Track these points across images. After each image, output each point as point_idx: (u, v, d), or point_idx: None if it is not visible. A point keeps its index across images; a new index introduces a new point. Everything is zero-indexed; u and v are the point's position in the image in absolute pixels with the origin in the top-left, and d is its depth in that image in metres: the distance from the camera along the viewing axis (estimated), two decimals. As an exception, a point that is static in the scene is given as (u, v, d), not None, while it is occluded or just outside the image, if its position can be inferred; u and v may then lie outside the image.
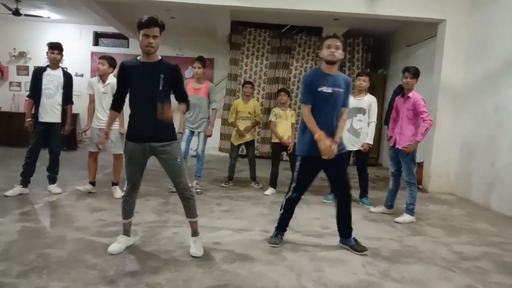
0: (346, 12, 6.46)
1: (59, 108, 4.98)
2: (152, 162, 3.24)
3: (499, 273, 3.22)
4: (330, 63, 3.35)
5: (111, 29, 9.88)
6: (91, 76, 10.17)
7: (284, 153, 5.71)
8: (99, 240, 3.45)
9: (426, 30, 7.28)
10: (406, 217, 4.56)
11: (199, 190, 5.39)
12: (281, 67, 9.33)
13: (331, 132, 3.38)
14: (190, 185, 3.25)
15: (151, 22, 2.91)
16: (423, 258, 3.46)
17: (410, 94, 4.61)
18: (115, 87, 4.87)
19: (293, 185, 3.56)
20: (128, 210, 3.28)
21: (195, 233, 3.32)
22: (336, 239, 3.82)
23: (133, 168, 3.13)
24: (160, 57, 3.07)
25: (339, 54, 3.32)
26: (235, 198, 5.24)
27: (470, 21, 6.29)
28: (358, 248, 3.50)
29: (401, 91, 4.85)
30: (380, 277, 3.00)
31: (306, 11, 6.44)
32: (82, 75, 10.31)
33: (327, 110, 3.38)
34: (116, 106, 3.21)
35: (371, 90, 9.30)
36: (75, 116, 9.85)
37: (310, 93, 3.37)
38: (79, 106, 9.90)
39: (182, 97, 3.20)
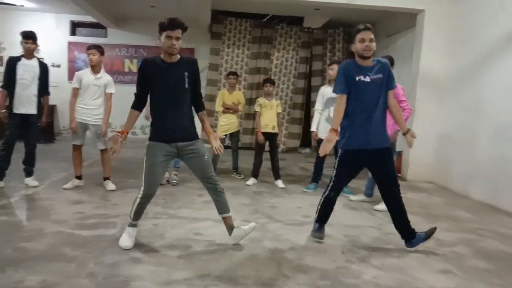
0: (327, 2, 6.46)
1: (35, 99, 4.86)
2: (131, 154, 3.19)
3: (475, 258, 3.31)
4: (365, 58, 3.20)
5: (88, 18, 9.65)
6: (69, 67, 9.97)
7: (267, 143, 5.70)
8: (78, 233, 3.41)
9: (406, 21, 7.34)
10: (385, 205, 4.61)
11: (175, 181, 5.36)
12: (262, 57, 9.30)
13: (377, 120, 3.22)
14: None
15: (175, 24, 2.90)
16: (402, 245, 3.50)
17: (389, 84, 4.64)
18: (110, 85, 4.86)
19: (331, 183, 3.39)
20: (141, 213, 3.20)
21: (231, 229, 3.27)
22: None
23: (157, 169, 3.05)
24: (179, 56, 3.05)
25: (373, 47, 3.17)
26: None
27: (449, 12, 6.36)
28: (429, 233, 3.36)
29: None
30: (359, 264, 3.05)
31: (287, 0, 6.41)
32: (59, 66, 10.06)
33: (368, 99, 3.20)
34: (139, 105, 3.11)
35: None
36: (53, 108, 9.64)
37: (345, 83, 3.20)
38: (56, 97, 9.69)
39: (199, 94, 3.20)
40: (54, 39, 9.99)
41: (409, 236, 3.37)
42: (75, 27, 10.29)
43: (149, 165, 3.02)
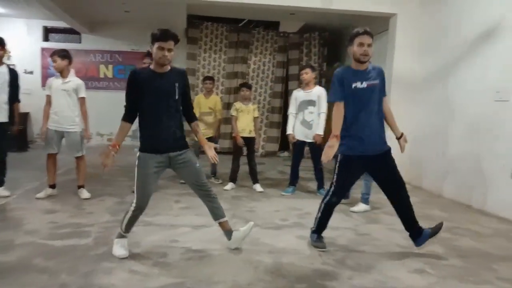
0: (302, 7, 6.52)
1: (6, 107, 4.73)
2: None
3: (450, 256, 3.37)
4: (362, 63, 3.19)
5: (62, 24, 9.47)
6: (42, 73, 9.74)
7: (245, 148, 5.70)
8: (51, 243, 3.32)
9: (379, 24, 7.47)
10: (361, 206, 4.69)
11: None
12: (239, 61, 9.30)
13: (375, 126, 3.22)
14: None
15: (168, 36, 2.90)
16: (378, 245, 3.57)
17: (363, 86, 4.71)
18: (80, 89, 4.76)
19: (332, 188, 3.33)
20: (133, 225, 3.15)
21: (230, 233, 3.27)
22: (295, 230, 3.89)
23: (149, 180, 3.00)
24: (169, 67, 3.05)
25: (371, 52, 3.16)
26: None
27: (420, 15, 6.51)
28: (436, 229, 3.36)
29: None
30: (336, 266, 3.07)
31: (262, 5, 6.44)
32: (31, 72, 9.83)
33: (365, 105, 3.19)
34: (130, 118, 3.04)
35: (328, 83, 9.54)
36: (26, 115, 9.41)
37: (341, 91, 3.17)
38: (30, 104, 9.47)
39: (190, 104, 3.21)
40: (26, 45, 9.76)
41: (417, 234, 3.38)
42: (48, 32, 10.08)
43: (141, 177, 2.98)
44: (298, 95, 5.39)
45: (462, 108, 5.43)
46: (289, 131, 5.44)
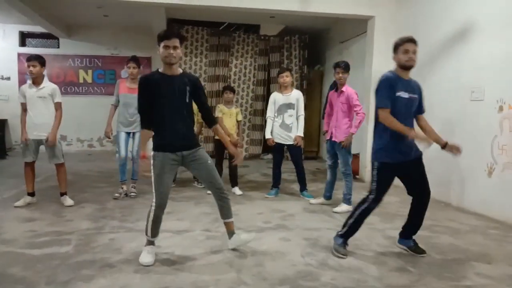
0: (281, 10, 6.56)
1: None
2: (87, 167, 3.10)
3: (429, 254, 3.42)
4: (408, 68, 3.21)
5: (39, 29, 9.31)
6: (19, 79, 9.54)
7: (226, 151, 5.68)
8: (28, 252, 3.26)
9: (358, 27, 7.57)
10: (343, 207, 4.73)
11: (133, 194, 5.23)
12: (220, 65, 9.29)
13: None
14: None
15: (172, 34, 2.99)
16: (359, 245, 3.60)
17: (343, 88, 4.78)
18: (55, 94, 4.69)
19: (372, 196, 3.27)
20: (158, 227, 3.17)
21: (232, 233, 3.36)
22: (278, 233, 3.89)
23: (166, 177, 3.07)
24: (181, 70, 3.11)
25: (416, 58, 3.19)
26: (177, 199, 5.14)
27: (397, 17, 6.62)
28: (417, 250, 3.42)
29: (336, 85, 5.00)
30: (318, 267, 3.09)
31: (241, 8, 6.46)
32: (8, 78, 9.64)
33: (404, 116, 3.19)
34: (148, 124, 3.10)
35: (309, 85, 9.63)
36: (4, 122, 9.22)
37: (388, 97, 3.14)
38: (7, 111, 9.32)
39: (208, 110, 3.28)
40: (2, 50, 9.59)
41: (407, 236, 3.48)
42: (24, 37, 9.91)
43: (157, 175, 3.04)
44: (277, 98, 5.41)
45: (439, 107, 5.53)
46: (267, 135, 5.46)
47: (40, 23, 8.39)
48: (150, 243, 3.18)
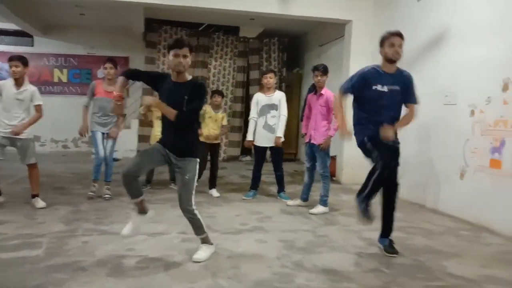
0: (260, 12, 6.58)
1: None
2: (62, 168, 3.03)
3: (402, 255, 3.48)
4: (393, 61, 3.26)
5: (13, 26, 9.07)
6: (-8, 77, 9.27)
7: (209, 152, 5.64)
8: (-3, 256, 3.16)
9: (336, 31, 7.66)
10: (320, 208, 4.77)
11: (107, 196, 5.14)
12: (199, 65, 9.25)
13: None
14: (193, 207, 3.15)
15: (182, 43, 3.05)
16: (335, 247, 3.63)
17: (322, 91, 4.84)
18: (35, 97, 4.57)
19: (380, 163, 3.26)
20: (133, 189, 3.02)
21: (207, 244, 3.32)
22: (254, 235, 3.89)
23: (145, 154, 3.14)
24: (190, 77, 3.14)
25: (401, 52, 3.26)
26: (153, 201, 5.07)
27: (374, 22, 6.73)
28: (388, 250, 3.45)
29: (314, 88, 5.04)
30: (293, 268, 3.10)
31: (220, 9, 6.45)
32: (-20, 76, 9.35)
33: (384, 109, 3.29)
34: (128, 75, 3.17)
35: (288, 88, 9.68)
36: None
37: (353, 85, 3.26)
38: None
39: (189, 107, 3.06)
40: (-26, 48, 9.30)
41: (382, 234, 3.56)
42: (-3, 35, 9.64)
43: (143, 150, 3.13)
44: (260, 99, 5.41)
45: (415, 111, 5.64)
46: (249, 137, 5.43)
47: (13, 20, 8.18)
48: (139, 211, 3.13)
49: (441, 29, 5.19)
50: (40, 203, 4.64)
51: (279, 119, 5.31)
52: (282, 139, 5.30)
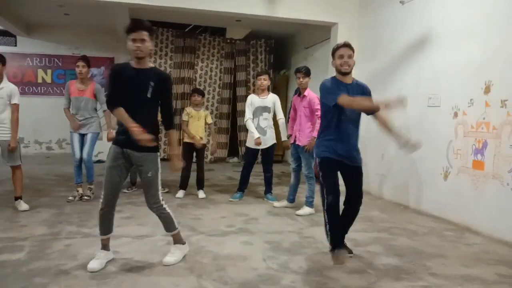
0: (247, 14, 6.57)
1: None
2: (45, 170, 2.98)
3: (387, 256, 3.51)
4: (343, 73, 3.25)
5: (-6, 26, 8.91)
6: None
7: (194, 154, 5.62)
8: (-23, 261, 3.09)
9: (322, 33, 7.70)
10: (306, 210, 4.78)
11: (86, 197, 5.08)
12: (186, 67, 9.21)
13: (348, 144, 3.28)
14: (162, 202, 3.10)
15: (138, 26, 2.85)
16: (320, 248, 3.65)
17: (305, 93, 4.86)
18: (14, 95, 4.48)
19: (325, 190, 3.25)
20: (106, 225, 3.04)
21: (180, 243, 3.27)
22: (240, 237, 3.88)
23: (113, 172, 2.95)
24: (152, 65, 3.02)
25: (352, 62, 3.24)
26: (138, 203, 5.02)
27: (360, 24, 6.78)
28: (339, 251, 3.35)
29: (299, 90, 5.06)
30: (279, 270, 3.10)
31: (206, 11, 6.43)
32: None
33: (343, 118, 3.26)
34: (116, 102, 2.91)
35: (275, 90, 9.69)
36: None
37: (337, 89, 3.16)
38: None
39: (168, 111, 3.11)
40: (-46, 47, 9.11)
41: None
42: (-22, 34, 9.46)
43: (106, 168, 2.97)
44: (254, 100, 5.40)
45: (399, 112, 5.70)
46: (256, 134, 5.29)
47: (-5, 19, 8.03)
48: (103, 246, 3.10)
49: (425, 33, 5.26)
50: (23, 205, 4.57)
51: (278, 123, 5.34)
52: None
